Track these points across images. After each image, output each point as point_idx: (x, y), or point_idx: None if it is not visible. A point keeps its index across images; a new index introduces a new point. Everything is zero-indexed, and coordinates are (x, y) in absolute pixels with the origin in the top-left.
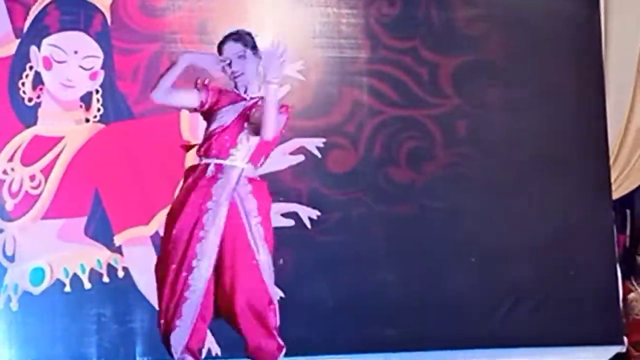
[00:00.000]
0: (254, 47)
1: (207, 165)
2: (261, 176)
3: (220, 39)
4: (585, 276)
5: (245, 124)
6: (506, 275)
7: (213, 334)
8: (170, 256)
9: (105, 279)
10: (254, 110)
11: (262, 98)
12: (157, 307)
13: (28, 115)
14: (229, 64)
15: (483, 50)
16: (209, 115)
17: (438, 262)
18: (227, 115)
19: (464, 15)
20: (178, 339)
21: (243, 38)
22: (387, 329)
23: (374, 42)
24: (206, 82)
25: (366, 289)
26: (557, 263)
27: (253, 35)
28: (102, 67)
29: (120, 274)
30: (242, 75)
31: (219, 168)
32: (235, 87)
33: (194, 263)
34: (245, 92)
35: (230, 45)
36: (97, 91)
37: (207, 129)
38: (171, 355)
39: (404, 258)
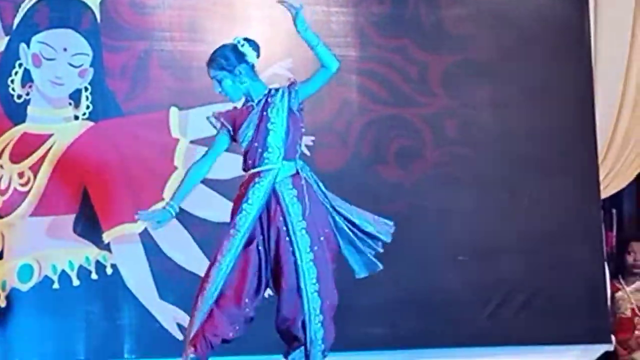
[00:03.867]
0: (228, 63)
1: (251, 175)
2: None
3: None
4: (573, 275)
5: (269, 125)
6: (494, 274)
7: None
8: None
9: (94, 276)
10: (269, 109)
11: (268, 94)
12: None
13: (17, 113)
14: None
15: (472, 50)
16: (237, 137)
17: (427, 260)
18: (248, 128)
19: (452, 14)
20: (192, 328)
21: (213, 62)
22: (375, 328)
23: (363, 41)
24: (215, 115)
25: (353, 287)
26: (545, 262)
27: (228, 49)
28: (92, 65)
29: (109, 271)
30: (227, 95)
31: (257, 174)
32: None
33: (218, 257)
34: (250, 100)
35: (210, 73)
36: (86, 89)
37: (242, 148)
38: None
39: (392, 256)
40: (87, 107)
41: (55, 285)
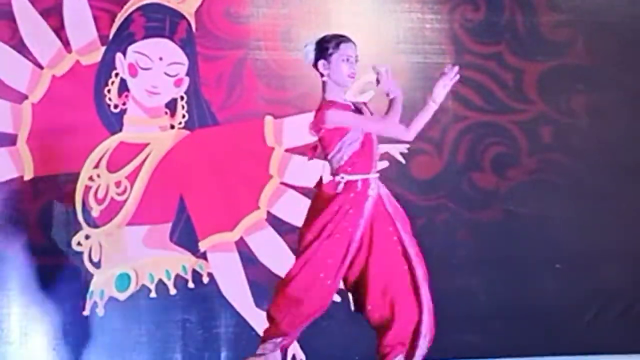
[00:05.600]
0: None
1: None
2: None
3: (334, 36)
4: None
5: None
6: (592, 281)
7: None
8: None
9: (191, 285)
10: None
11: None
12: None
13: (114, 122)
14: (351, 63)
15: (568, 56)
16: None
17: (522, 268)
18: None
19: (548, 20)
20: None
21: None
22: (469, 335)
23: (458, 48)
24: None
25: (449, 295)
26: None
27: None
28: (187, 74)
29: (205, 279)
30: (354, 78)
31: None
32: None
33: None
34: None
35: (350, 46)
36: (182, 98)
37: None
38: None
39: (488, 264)
40: (183, 116)
41: (153, 294)
